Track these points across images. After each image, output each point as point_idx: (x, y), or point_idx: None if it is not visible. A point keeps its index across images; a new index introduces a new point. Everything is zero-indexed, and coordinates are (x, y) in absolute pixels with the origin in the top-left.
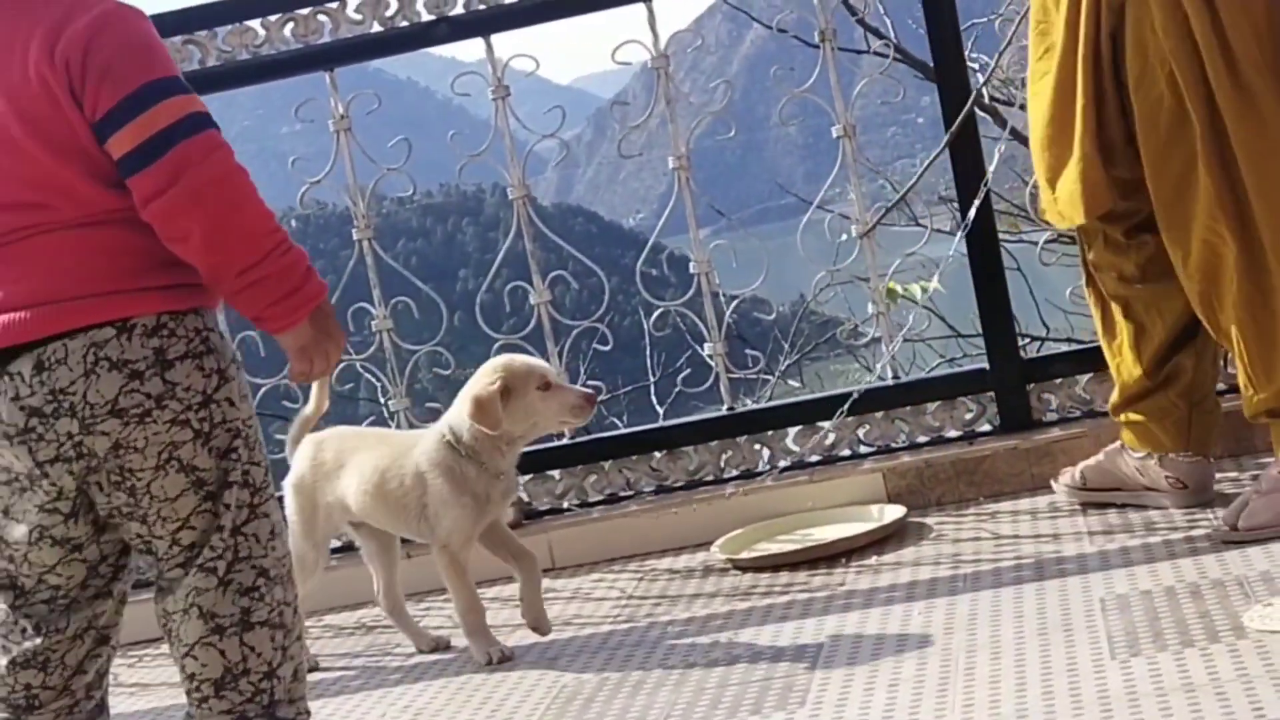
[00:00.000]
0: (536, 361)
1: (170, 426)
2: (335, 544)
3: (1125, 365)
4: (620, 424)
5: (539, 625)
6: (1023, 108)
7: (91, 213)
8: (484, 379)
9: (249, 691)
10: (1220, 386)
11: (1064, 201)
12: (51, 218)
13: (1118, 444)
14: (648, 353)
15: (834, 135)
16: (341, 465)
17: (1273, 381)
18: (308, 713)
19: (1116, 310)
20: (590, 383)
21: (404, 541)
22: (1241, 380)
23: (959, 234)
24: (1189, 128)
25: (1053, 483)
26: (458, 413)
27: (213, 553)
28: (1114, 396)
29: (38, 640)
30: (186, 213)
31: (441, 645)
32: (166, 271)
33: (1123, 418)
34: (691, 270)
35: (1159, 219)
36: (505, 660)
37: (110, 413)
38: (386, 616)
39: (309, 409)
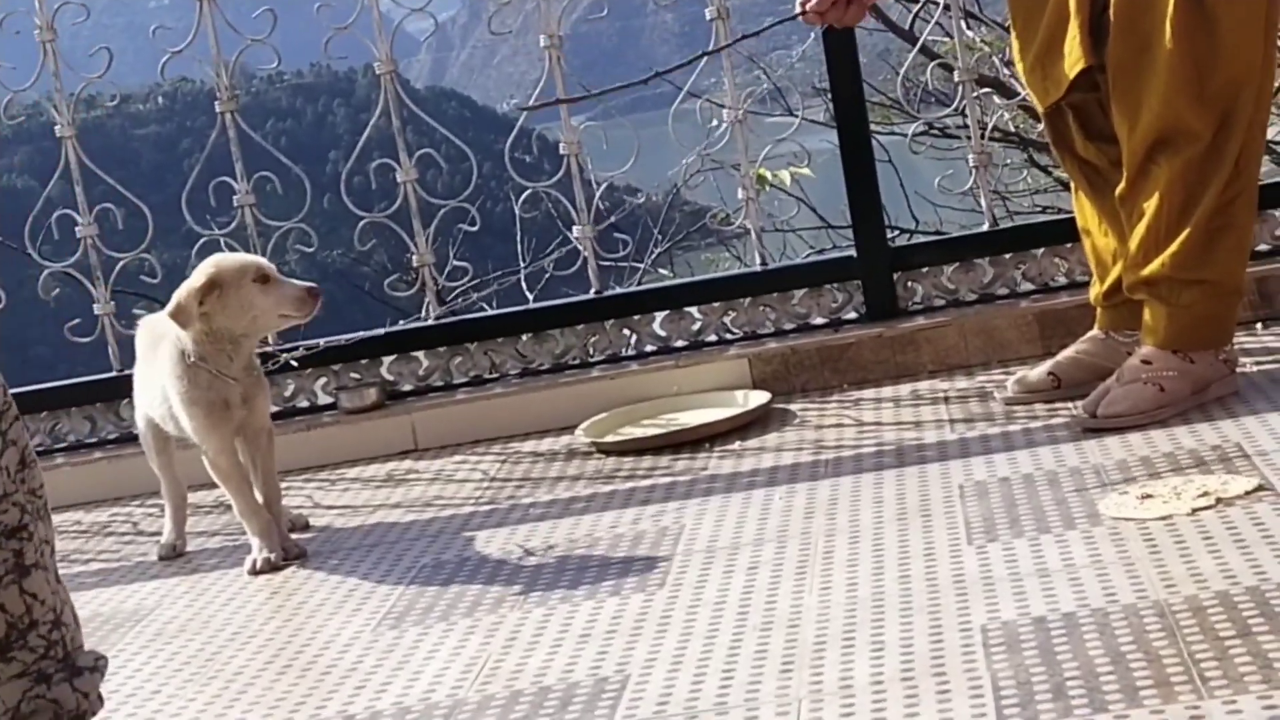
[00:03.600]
0: (252, 257)
1: None
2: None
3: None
4: (490, 309)
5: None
6: None
7: None
8: (191, 279)
9: (41, 646)
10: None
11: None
12: None
13: (1096, 331)
14: (518, 238)
15: (707, 18)
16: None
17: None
18: (104, 658)
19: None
20: (308, 283)
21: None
22: (1134, 246)
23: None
24: None
25: (997, 394)
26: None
27: None
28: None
29: None
30: None
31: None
32: None
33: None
34: (561, 151)
35: (1111, 81)
36: (298, 557)
37: None
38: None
39: None
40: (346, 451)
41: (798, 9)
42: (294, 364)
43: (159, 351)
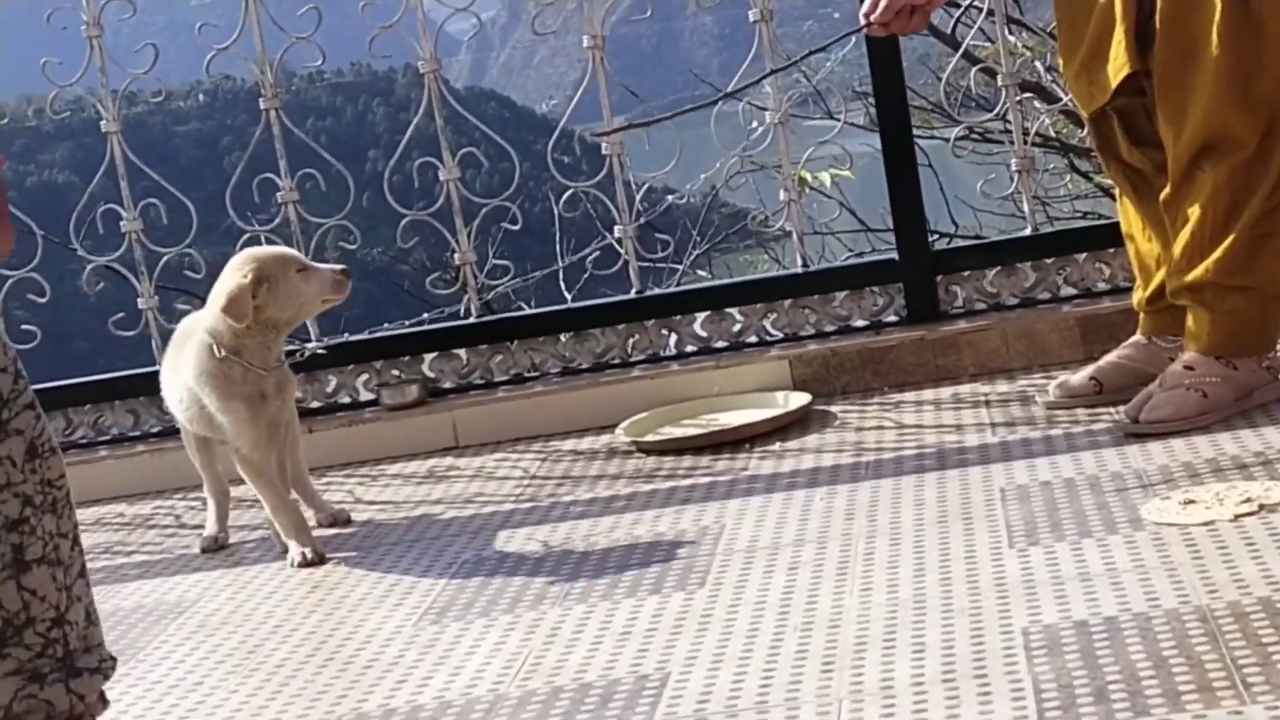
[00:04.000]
0: (287, 249)
1: None
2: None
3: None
4: (527, 308)
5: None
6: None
7: None
8: (234, 273)
9: (38, 644)
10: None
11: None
12: None
13: (1139, 337)
14: (558, 238)
15: (750, 20)
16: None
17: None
18: (113, 659)
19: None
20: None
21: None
22: (1178, 251)
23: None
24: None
25: (1038, 398)
26: (213, 314)
27: None
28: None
29: None
30: None
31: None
32: None
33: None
34: (604, 152)
35: (1157, 86)
36: (319, 562)
37: None
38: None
39: None
40: (388, 448)
41: (861, 21)
42: (322, 351)
43: (184, 353)
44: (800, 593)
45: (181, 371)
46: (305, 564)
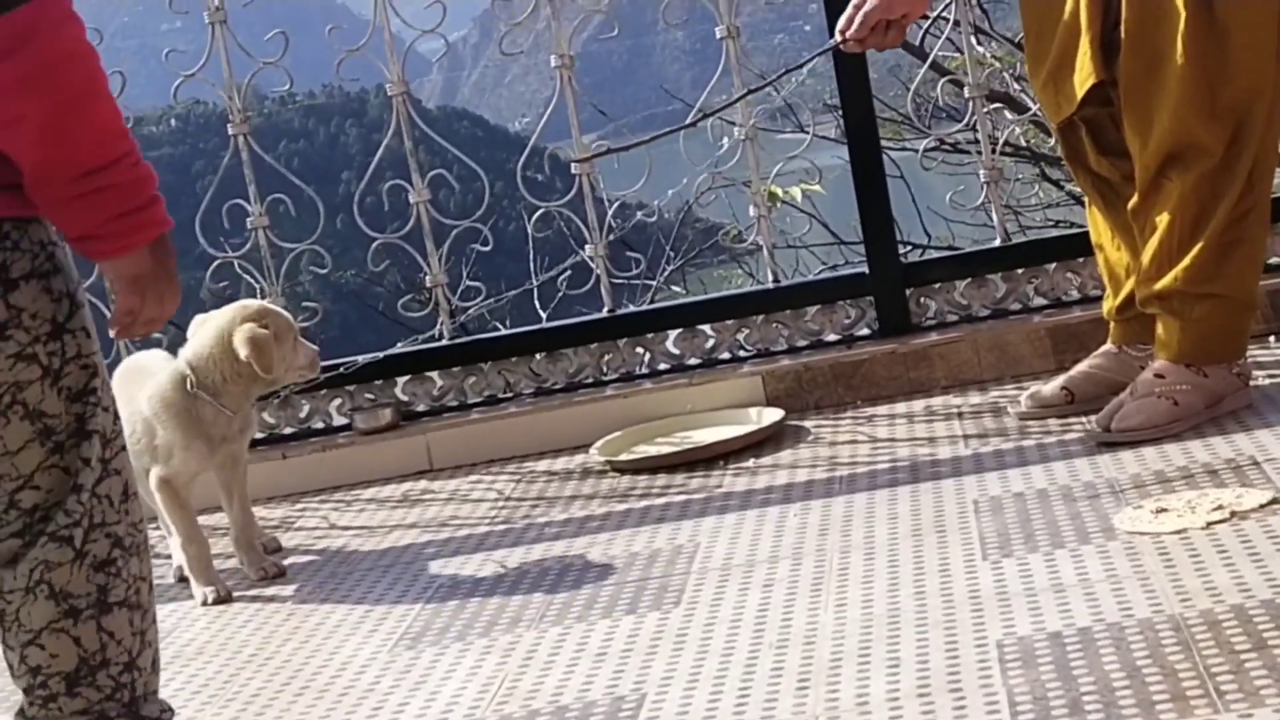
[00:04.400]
0: (285, 313)
1: (14, 362)
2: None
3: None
4: (503, 328)
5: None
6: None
7: None
8: (247, 323)
9: (109, 687)
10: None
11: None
12: None
13: (1109, 346)
14: (531, 257)
15: (718, 36)
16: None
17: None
18: (171, 710)
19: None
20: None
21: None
22: (1146, 260)
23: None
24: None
25: (1010, 409)
26: (202, 351)
27: (68, 519)
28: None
29: None
30: (28, 89)
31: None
32: (6, 167)
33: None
34: (573, 171)
35: (1123, 96)
36: (222, 601)
37: None
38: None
39: None
40: (362, 472)
41: (836, 38)
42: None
43: (141, 384)
44: (775, 610)
45: (135, 404)
46: (216, 602)
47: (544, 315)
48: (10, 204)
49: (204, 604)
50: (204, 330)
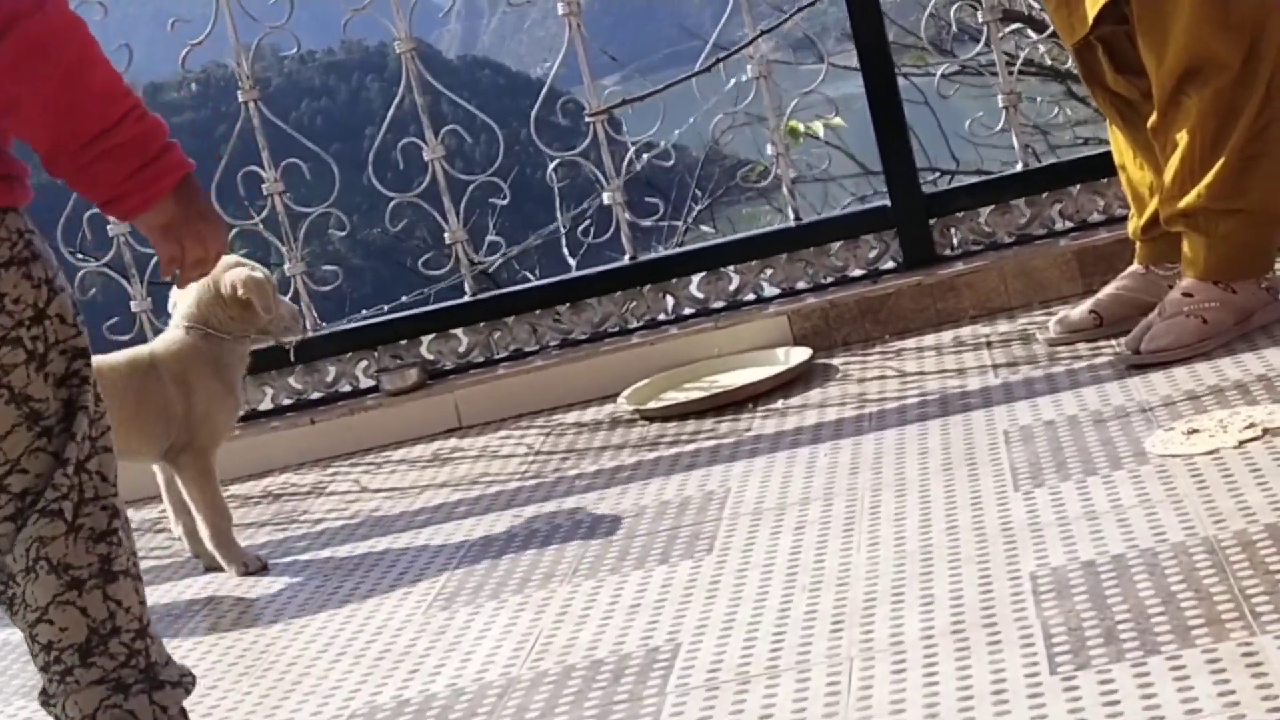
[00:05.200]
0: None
1: None
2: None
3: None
4: (533, 278)
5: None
6: None
7: None
8: (244, 270)
9: (122, 654)
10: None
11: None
12: None
13: (1136, 266)
14: (557, 205)
15: None
16: None
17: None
18: (192, 676)
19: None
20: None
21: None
22: (1169, 178)
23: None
24: None
25: (1039, 335)
26: (192, 311)
27: (56, 493)
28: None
29: None
30: (21, 74)
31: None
32: None
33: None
34: (586, 119)
35: (1136, 14)
36: (261, 571)
37: None
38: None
39: None
40: (391, 434)
41: None
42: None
43: (159, 370)
44: (807, 552)
45: (146, 376)
46: (256, 572)
47: (573, 264)
48: None
49: (242, 576)
50: (187, 294)
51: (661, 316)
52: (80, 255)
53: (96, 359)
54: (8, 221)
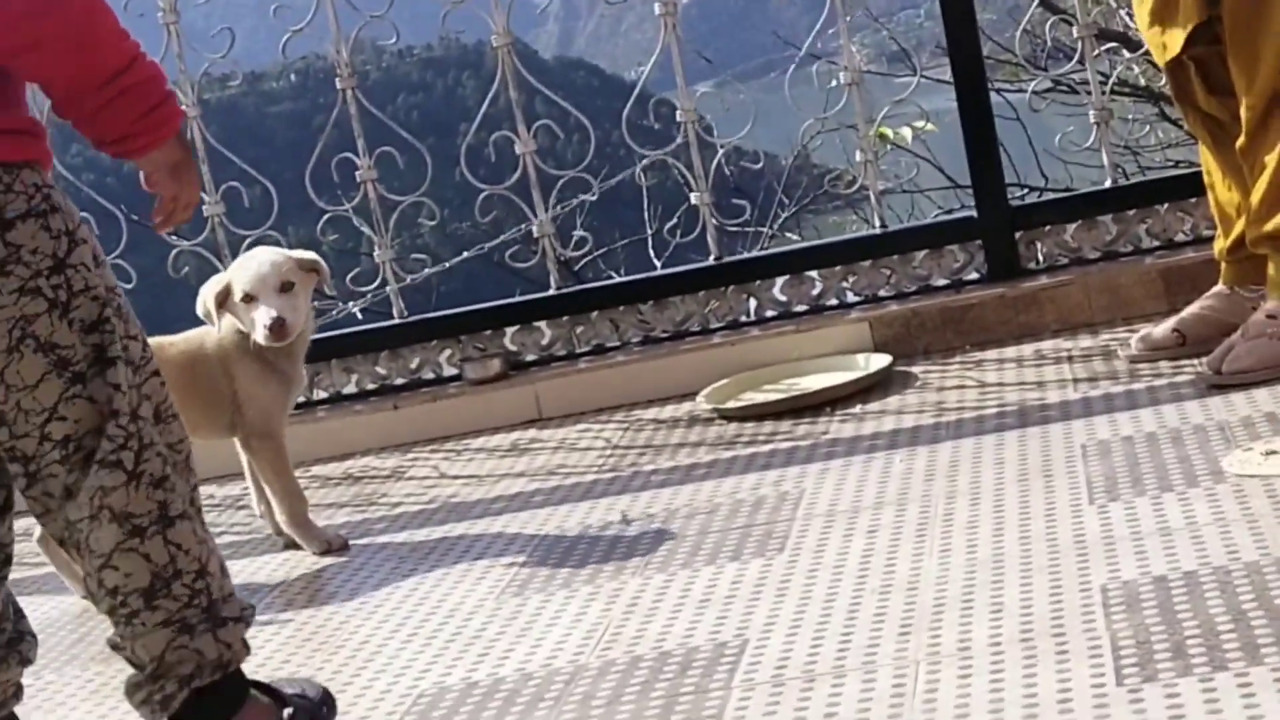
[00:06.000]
0: (255, 268)
1: (18, 297)
2: (323, 395)
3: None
4: (618, 276)
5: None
6: None
7: None
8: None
9: (185, 595)
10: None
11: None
12: None
13: (1221, 287)
14: (644, 205)
15: None
16: None
17: None
18: (251, 607)
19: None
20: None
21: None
22: (1255, 200)
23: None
24: None
25: (1121, 352)
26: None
27: (112, 444)
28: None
29: None
30: (39, 13)
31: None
32: (9, 114)
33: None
34: (679, 119)
35: (1228, 35)
36: (342, 549)
37: None
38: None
39: None
40: (472, 422)
41: None
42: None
43: (205, 363)
44: (879, 556)
45: (196, 357)
46: (337, 550)
47: (658, 264)
48: (2, 149)
49: (322, 554)
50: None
51: (743, 318)
52: (174, 234)
53: (156, 337)
54: (24, 176)
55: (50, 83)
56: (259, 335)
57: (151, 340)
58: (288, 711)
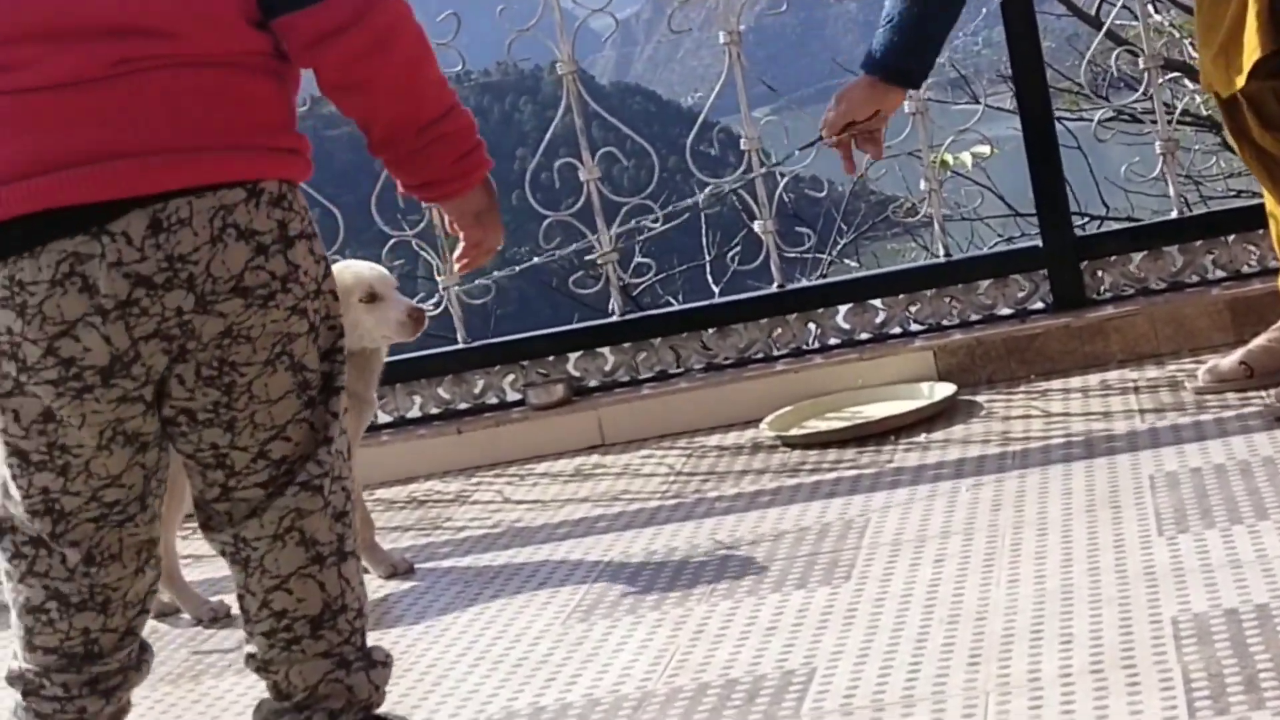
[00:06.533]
0: (366, 272)
1: (290, 315)
2: (386, 418)
3: None
4: (675, 303)
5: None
6: None
7: (230, 50)
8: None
9: (347, 631)
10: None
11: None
12: (180, 49)
13: None
14: (703, 231)
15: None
16: None
17: None
18: (390, 657)
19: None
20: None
21: (453, 416)
22: None
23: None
24: None
25: (1188, 384)
26: None
27: (320, 469)
28: None
29: (92, 573)
30: (371, 56)
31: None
32: (291, 133)
33: None
34: (743, 147)
35: None
36: (407, 572)
37: (233, 290)
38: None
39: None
40: (535, 447)
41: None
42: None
43: None
44: (946, 585)
45: None
46: (402, 574)
47: (716, 290)
48: (292, 166)
49: (388, 578)
50: None
51: (806, 345)
52: None
53: None
54: (299, 196)
55: (370, 124)
56: (394, 329)
57: None
58: None
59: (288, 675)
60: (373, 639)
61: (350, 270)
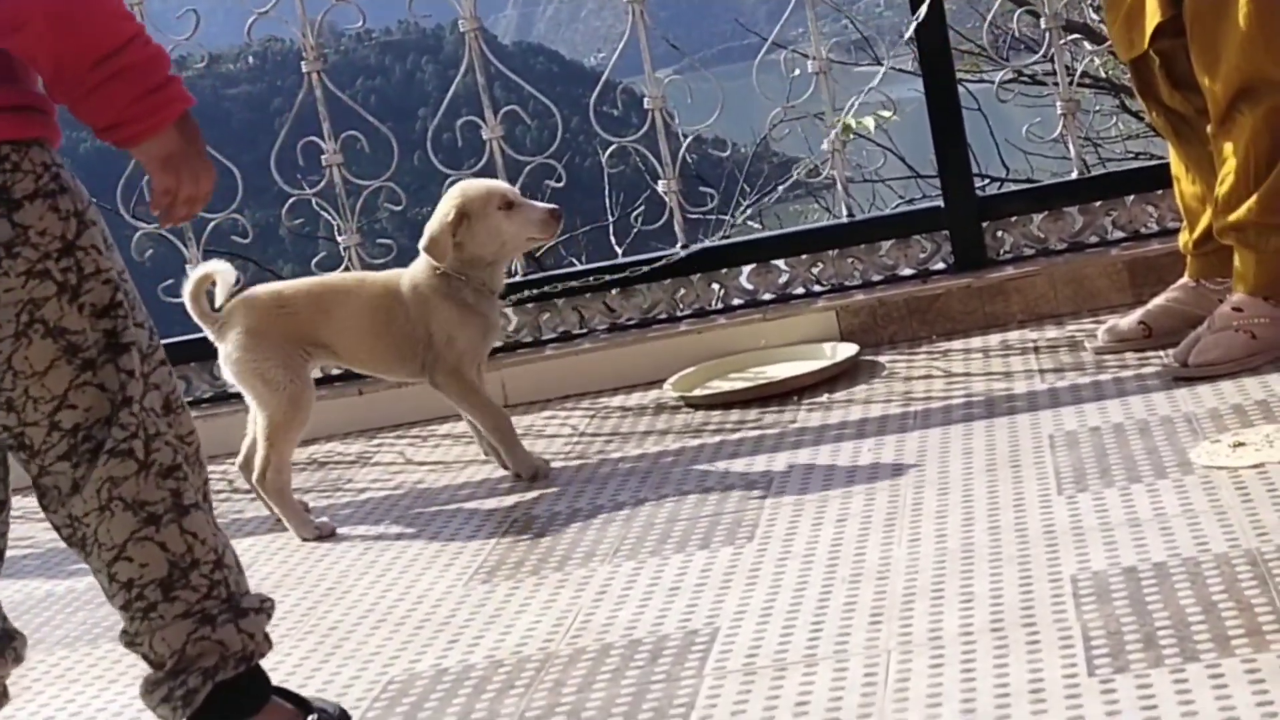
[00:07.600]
0: (495, 183)
1: (26, 280)
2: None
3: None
4: (579, 264)
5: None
6: None
7: None
8: (442, 210)
9: (204, 585)
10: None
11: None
12: None
13: (1187, 279)
14: (606, 192)
15: None
16: (325, 312)
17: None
18: (271, 600)
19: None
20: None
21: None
22: (1221, 192)
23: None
24: None
25: (1087, 344)
26: (427, 245)
27: (125, 432)
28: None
29: None
30: None
31: (326, 532)
32: (14, 90)
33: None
34: (646, 106)
35: (1189, 32)
36: (546, 475)
37: None
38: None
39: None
40: (437, 408)
41: None
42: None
43: (372, 287)
44: (848, 544)
45: (394, 297)
46: (541, 476)
47: (619, 251)
48: (8, 126)
49: (533, 478)
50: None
51: (711, 306)
52: (137, 217)
53: (354, 275)
54: (32, 154)
55: (36, 61)
56: (537, 228)
57: (346, 279)
58: (312, 718)
59: (152, 644)
60: (277, 603)
61: (479, 184)
